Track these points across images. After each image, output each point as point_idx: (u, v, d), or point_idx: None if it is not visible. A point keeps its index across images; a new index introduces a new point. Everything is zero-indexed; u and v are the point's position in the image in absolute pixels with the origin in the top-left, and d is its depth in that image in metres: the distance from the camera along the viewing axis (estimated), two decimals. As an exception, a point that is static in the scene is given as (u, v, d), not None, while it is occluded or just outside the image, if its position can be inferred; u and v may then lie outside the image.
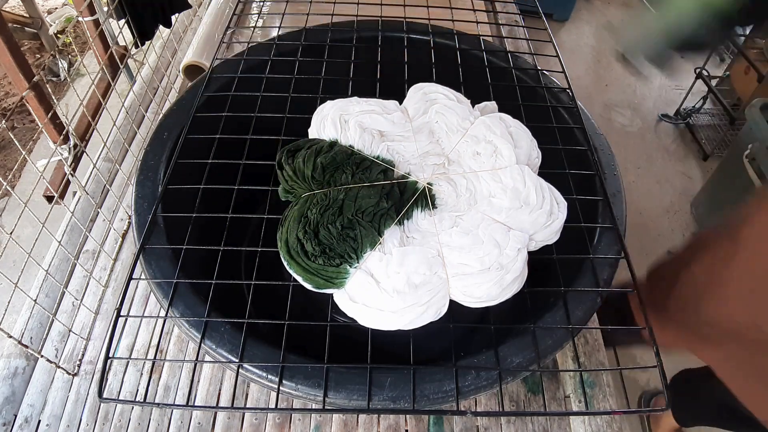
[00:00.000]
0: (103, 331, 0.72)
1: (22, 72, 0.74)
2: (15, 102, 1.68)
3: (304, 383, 0.43)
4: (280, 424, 0.64)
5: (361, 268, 0.44)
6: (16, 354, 0.68)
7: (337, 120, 0.54)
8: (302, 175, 0.50)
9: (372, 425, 0.64)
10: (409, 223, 0.48)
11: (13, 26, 1.54)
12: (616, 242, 0.52)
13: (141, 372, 0.68)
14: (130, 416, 0.65)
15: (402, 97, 0.59)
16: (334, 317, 0.45)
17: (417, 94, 0.57)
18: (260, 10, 0.82)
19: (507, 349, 0.45)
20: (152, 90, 1.02)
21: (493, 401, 0.66)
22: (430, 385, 0.43)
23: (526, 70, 0.68)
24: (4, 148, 1.65)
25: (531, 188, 0.48)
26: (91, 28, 0.91)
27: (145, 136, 0.91)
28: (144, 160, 0.58)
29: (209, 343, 0.45)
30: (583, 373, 0.68)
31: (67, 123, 0.77)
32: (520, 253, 0.45)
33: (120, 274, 0.78)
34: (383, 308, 0.42)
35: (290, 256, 0.45)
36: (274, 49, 0.67)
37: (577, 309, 0.48)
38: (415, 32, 0.71)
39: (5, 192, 0.69)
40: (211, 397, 0.66)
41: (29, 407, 0.65)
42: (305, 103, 0.58)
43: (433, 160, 0.53)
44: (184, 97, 0.64)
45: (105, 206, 0.86)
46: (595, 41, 2.13)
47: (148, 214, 0.52)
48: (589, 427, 0.63)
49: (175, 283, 0.47)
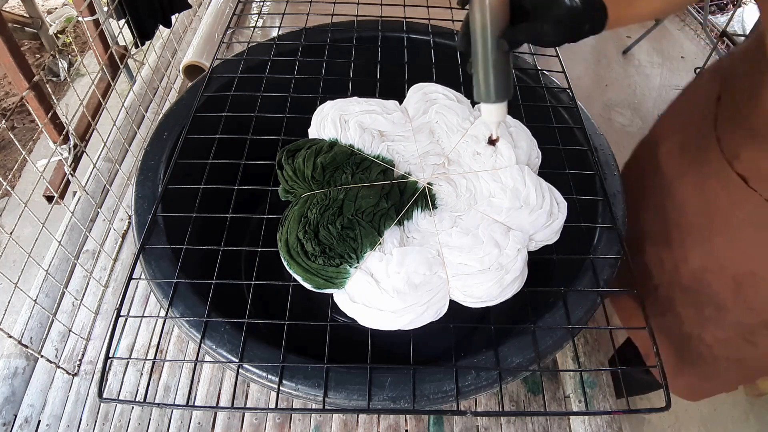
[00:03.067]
0: (103, 331, 0.72)
1: (22, 72, 0.74)
2: (15, 102, 1.68)
3: (304, 383, 0.43)
4: (280, 424, 0.64)
5: (361, 268, 0.44)
6: (16, 354, 0.68)
7: (337, 120, 0.54)
8: (302, 175, 0.50)
9: (372, 425, 0.64)
10: (409, 223, 0.48)
11: (13, 26, 1.54)
12: (616, 242, 0.52)
13: (141, 372, 0.68)
14: (130, 416, 0.65)
15: (402, 97, 0.59)
16: (334, 317, 0.45)
17: (417, 94, 0.57)
18: (260, 10, 0.82)
19: (507, 349, 0.45)
20: (152, 90, 1.02)
21: (493, 401, 0.66)
22: (430, 385, 0.43)
23: (526, 70, 0.68)
24: (4, 148, 1.65)
25: (531, 188, 0.48)
26: (91, 28, 0.91)
27: (145, 136, 0.91)
28: (144, 160, 0.58)
29: (209, 343, 0.45)
30: (583, 373, 0.68)
31: (67, 123, 0.77)
32: (520, 253, 0.45)
33: (120, 274, 0.78)
34: (383, 308, 0.42)
35: (290, 256, 0.45)
36: (274, 49, 0.67)
37: (577, 309, 0.48)
38: (415, 32, 0.71)
39: (5, 192, 0.69)
40: (211, 397, 0.66)
41: (29, 407, 0.65)
42: (305, 103, 0.58)
43: (433, 160, 0.53)
44: (184, 97, 0.64)
45: (105, 206, 0.86)
46: (595, 41, 2.12)
47: (148, 214, 0.52)
48: (589, 427, 0.63)
49: (175, 283, 0.47)
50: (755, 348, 0.61)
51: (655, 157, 0.67)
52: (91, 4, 0.88)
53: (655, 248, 0.66)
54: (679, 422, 1.25)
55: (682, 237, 0.62)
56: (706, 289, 0.61)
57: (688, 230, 0.61)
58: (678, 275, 0.64)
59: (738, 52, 0.58)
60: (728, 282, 0.58)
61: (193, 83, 0.65)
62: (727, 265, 0.58)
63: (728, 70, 0.58)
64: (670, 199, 0.63)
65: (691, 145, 0.60)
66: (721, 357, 0.65)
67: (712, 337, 0.64)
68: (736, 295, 0.58)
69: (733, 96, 0.54)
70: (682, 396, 0.76)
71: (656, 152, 0.67)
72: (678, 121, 0.66)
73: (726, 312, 0.60)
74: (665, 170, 0.64)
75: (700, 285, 0.61)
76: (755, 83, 0.49)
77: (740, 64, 0.56)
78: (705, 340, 0.65)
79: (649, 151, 0.68)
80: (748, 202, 0.52)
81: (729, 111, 0.54)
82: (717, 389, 0.74)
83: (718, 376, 0.70)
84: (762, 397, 1.28)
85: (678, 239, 0.63)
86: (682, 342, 0.68)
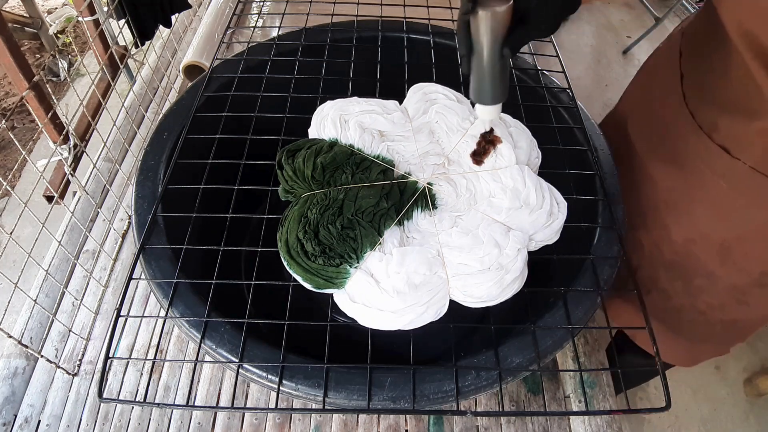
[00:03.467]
0: (103, 331, 0.72)
1: (22, 72, 0.74)
2: (15, 102, 1.68)
3: (304, 383, 0.43)
4: (280, 424, 0.64)
5: (361, 268, 0.44)
6: (16, 354, 0.68)
7: (337, 120, 0.54)
8: (302, 175, 0.50)
9: (372, 425, 0.64)
10: (409, 223, 0.48)
11: (13, 26, 1.54)
12: (616, 242, 0.52)
13: (141, 372, 0.68)
14: (130, 416, 0.65)
15: (402, 97, 0.59)
16: (334, 317, 0.45)
17: (417, 94, 0.57)
18: (260, 10, 0.82)
19: (507, 349, 0.45)
20: (152, 90, 1.02)
21: (493, 401, 0.66)
22: (430, 385, 0.43)
23: (526, 70, 0.68)
24: (4, 148, 1.65)
25: (531, 188, 0.48)
26: (91, 28, 0.91)
27: (145, 136, 0.91)
28: (144, 160, 0.58)
29: (209, 343, 0.45)
30: (583, 373, 0.68)
31: (67, 123, 0.77)
32: (520, 253, 0.45)
33: (120, 274, 0.78)
34: (383, 308, 0.42)
35: (290, 256, 0.45)
36: (274, 49, 0.67)
37: (577, 309, 0.48)
38: (415, 32, 0.71)
39: (5, 192, 0.69)
40: (211, 397, 0.66)
41: (29, 407, 0.65)
42: (305, 103, 0.58)
43: (433, 160, 0.53)
44: (184, 97, 0.64)
45: (105, 206, 0.86)
46: (595, 41, 2.12)
47: (148, 214, 0.52)
48: (589, 427, 0.63)
49: (175, 283, 0.47)
50: (748, 307, 0.63)
51: (624, 138, 0.67)
52: (91, 4, 0.88)
53: (631, 232, 0.67)
54: (679, 422, 1.25)
55: (660, 215, 0.63)
56: (693, 260, 0.62)
57: (665, 207, 0.62)
58: (660, 253, 0.65)
59: (692, 27, 0.58)
60: (715, 249, 0.59)
61: (193, 83, 0.65)
62: (712, 234, 0.59)
63: (686, 48, 0.58)
64: (644, 177, 0.64)
65: (660, 122, 0.61)
66: (716, 321, 0.66)
67: (705, 305, 0.65)
68: (724, 261, 0.59)
69: (697, 74, 0.55)
70: (680, 363, 0.78)
71: (625, 133, 0.67)
72: (643, 100, 0.67)
73: (716, 279, 0.61)
74: (636, 150, 0.65)
75: (685, 258, 0.62)
76: (715, 64, 0.50)
77: (696, 39, 0.56)
78: (698, 308, 0.66)
79: (616, 132, 0.69)
80: (733, 170, 0.52)
81: (697, 89, 0.55)
82: (713, 352, 0.75)
83: (713, 339, 0.72)
84: (762, 397, 1.29)
85: (655, 217, 0.64)
86: (673, 315, 0.69)
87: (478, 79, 0.41)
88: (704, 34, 0.54)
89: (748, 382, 1.32)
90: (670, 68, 0.60)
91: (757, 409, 1.28)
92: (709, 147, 0.53)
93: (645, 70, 0.70)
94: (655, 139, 0.62)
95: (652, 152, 0.62)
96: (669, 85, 0.59)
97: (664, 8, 2.01)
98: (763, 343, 1.40)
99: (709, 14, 0.52)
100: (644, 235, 0.66)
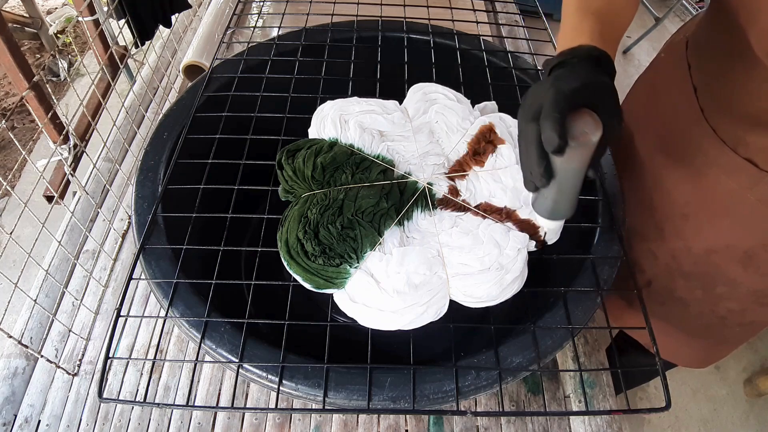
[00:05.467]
0: (103, 331, 0.72)
1: (22, 72, 0.74)
2: (15, 102, 1.68)
3: (304, 383, 0.43)
4: (280, 424, 0.64)
5: (361, 268, 0.44)
6: (16, 354, 0.68)
7: (337, 120, 0.54)
8: (302, 175, 0.50)
9: (372, 425, 0.64)
10: (409, 223, 0.48)
11: (13, 26, 1.54)
12: (616, 242, 0.52)
13: (141, 372, 0.68)
14: (130, 416, 0.65)
15: (402, 97, 0.59)
16: (334, 317, 0.45)
17: (417, 94, 0.57)
18: (260, 10, 0.82)
19: (507, 349, 0.45)
20: (152, 90, 1.02)
21: (493, 401, 0.66)
22: (430, 385, 0.43)
23: (526, 70, 0.68)
24: (4, 148, 1.65)
25: (531, 188, 0.48)
26: (91, 28, 0.91)
27: (145, 136, 0.91)
28: (144, 160, 0.58)
29: (209, 343, 0.45)
30: (583, 373, 0.68)
31: (67, 123, 0.77)
32: (520, 253, 0.45)
33: (120, 274, 0.78)
34: (383, 308, 0.42)
35: (290, 256, 0.45)
36: (274, 49, 0.67)
37: (577, 309, 0.48)
38: (415, 32, 0.71)
39: (5, 192, 0.69)
40: (211, 397, 0.66)
41: (29, 407, 0.65)
42: (305, 103, 0.58)
43: (433, 160, 0.53)
44: (184, 97, 0.64)
45: (105, 206, 0.85)
46: (595, 41, 2.12)
47: (148, 214, 0.52)
48: (589, 427, 0.63)
49: (175, 283, 0.47)
50: (766, 308, 0.63)
51: (632, 153, 0.67)
52: (91, 4, 0.88)
53: (644, 244, 0.66)
54: (679, 422, 1.25)
55: (676, 227, 0.62)
56: (713, 269, 0.62)
57: (682, 219, 0.61)
58: (678, 264, 0.64)
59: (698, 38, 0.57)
60: (738, 258, 0.59)
61: (193, 83, 0.65)
62: (737, 244, 0.58)
63: (695, 60, 0.57)
64: (658, 192, 0.63)
65: (674, 136, 0.60)
66: (734, 324, 0.66)
67: (726, 310, 0.65)
68: (746, 267, 0.59)
69: (714, 88, 0.54)
70: (694, 365, 0.78)
71: (633, 149, 0.67)
72: (651, 113, 0.66)
73: (738, 285, 0.61)
74: (648, 166, 0.64)
75: (706, 267, 0.62)
76: (735, 78, 0.49)
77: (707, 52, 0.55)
78: (718, 314, 0.66)
79: (624, 148, 0.68)
80: (761, 183, 0.52)
81: (716, 103, 0.54)
82: (727, 352, 0.76)
83: (730, 340, 0.72)
84: (762, 397, 1.29)
85: (671, 230, 0.63)
86: (690, 321, 0.69)
87: (555, 199, 0.41)
88: (716, 47, 0.53)
89: (748, 382, 1.32)
90: (680, 81, 0.59)
91: (757, 409, 1.28)
92: (734, 161, 0.53)
93: (648, 82, 0.69)
94: (672, 155, 0.61)
95: (667, 166, 0.62)
96: (682, 99, 0.58)
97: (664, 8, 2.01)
98: (763, 343, 1.40)
99: (717, 27, 0.51)
100: (659, 247, 0.65)
